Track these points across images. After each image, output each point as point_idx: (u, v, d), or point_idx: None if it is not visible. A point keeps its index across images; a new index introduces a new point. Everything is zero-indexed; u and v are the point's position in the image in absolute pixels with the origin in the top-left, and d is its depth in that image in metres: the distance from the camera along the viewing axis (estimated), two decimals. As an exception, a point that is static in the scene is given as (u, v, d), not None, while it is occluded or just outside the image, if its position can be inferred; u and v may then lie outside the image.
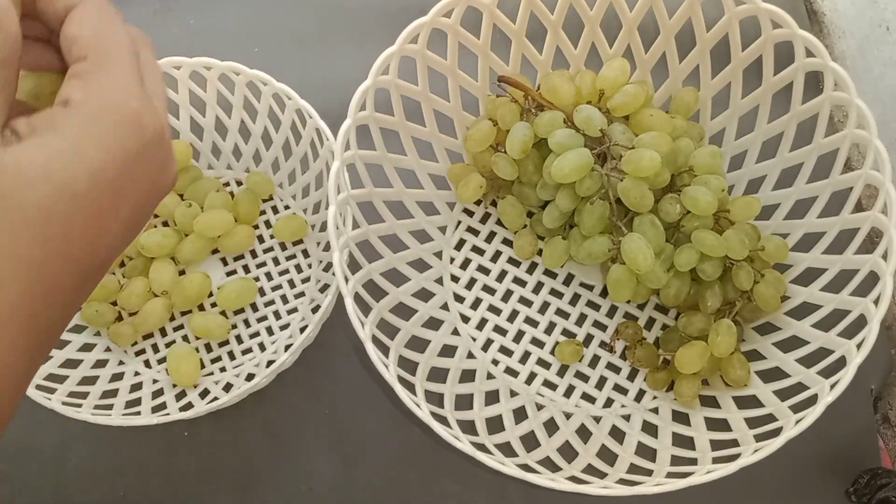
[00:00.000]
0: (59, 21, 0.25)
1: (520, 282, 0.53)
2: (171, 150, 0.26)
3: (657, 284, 0.47)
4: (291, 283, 0.53)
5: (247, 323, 0.52)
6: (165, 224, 0.54)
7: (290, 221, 0.53)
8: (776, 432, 0.40)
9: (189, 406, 0.46)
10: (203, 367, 0.51)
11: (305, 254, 0.54)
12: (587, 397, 0.50)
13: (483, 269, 0.53)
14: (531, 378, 0.51)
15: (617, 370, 0.51)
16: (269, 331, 0.52)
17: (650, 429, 0.48)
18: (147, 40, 0.27)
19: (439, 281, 0.52)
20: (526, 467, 0.41)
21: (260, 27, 0.60)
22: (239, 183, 0.56)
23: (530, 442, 0.46)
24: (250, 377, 0.49)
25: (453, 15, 0.47)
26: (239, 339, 0.52)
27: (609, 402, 0.50)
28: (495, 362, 0.51)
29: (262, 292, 0.53)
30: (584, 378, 0.51)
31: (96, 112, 0.23)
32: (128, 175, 0.24)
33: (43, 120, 0.23)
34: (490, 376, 0.50)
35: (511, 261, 0.53)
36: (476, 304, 0.52)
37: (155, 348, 0.52)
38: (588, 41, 0.52)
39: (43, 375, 0.46)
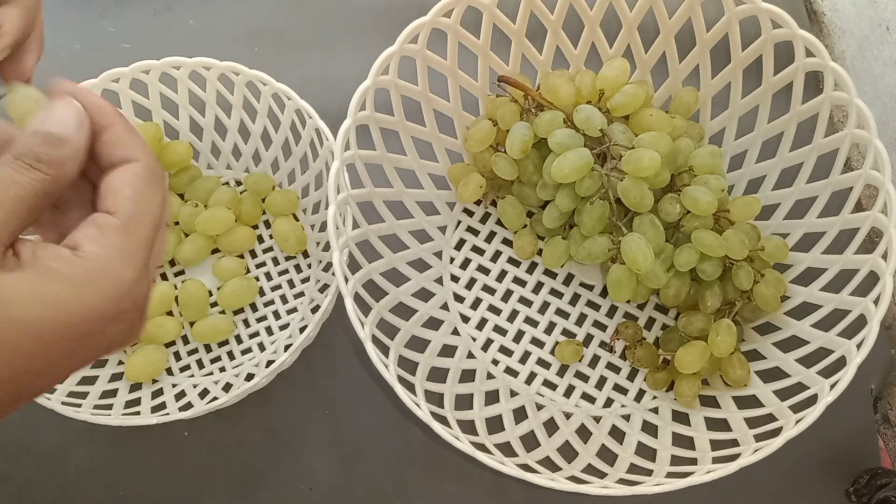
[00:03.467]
0: (110, 164, 0.26)
1: (520, 282, 0.53)
2: (145, 314, 0.27)
3: (657, 284, 0.47)
4: (291, 283, 0.53)
5: (246, 323, 0.52)
6: (165, 224, 0.54)
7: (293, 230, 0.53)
8: (776, 432, 0.40)
9: (189, 406, 0.46)
10: (202, 367, 0.51)
11: (305, 254, 0.54)
12: (587, 397, 0.50)
13: (483, 269, 0.53)
14: (531, 378, 0.51)
15: (617, 370, 0.51)
16: (269, 331, 0.52)
17: (650, 429, 0.48)
18: (168, 206, 0.28)
19: (439, 281, 0.52)
20: (526, 467, 0.41)
21: (260, 27, 0.60)
22: (238, 183, 0.56)
23: (530, 442, 0.46)
24: (250, 377, 0.49)
25: (453, 15, 0.47)
26: (239, 339, 0.52)
27: (609, 402, 0.50)
28: (495, 362, 0.51)
29: (261, 292, 0.53)
30: (584, 378, 0.51)
31: (97, 271, 0.24)
32: (97, 333, 0.24)
33: (47, 256, 0.23)
34: (490, 376, 0.50)
35: (511, 261, 0.53)
36: (476, 304, 0.52)
37: (155, 348, 0.52)
38: (588, 41, 0.52)
39: (43, 375, 0.46)
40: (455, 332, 0.51)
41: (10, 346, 0.22)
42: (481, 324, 0.52)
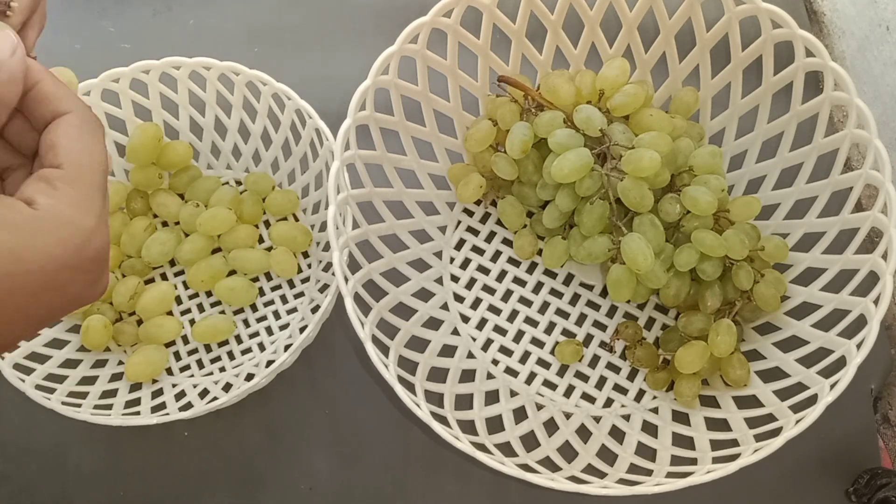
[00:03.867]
0: (43, 122, 0.26)
1: (520, 282, 0.53)
2: (106, 267, 0.27)
3: (657, 284, 0.47)
4: (291, 284, 0.53)
5: (246, 323, 0.52)
6: (164, 224, 0.54)
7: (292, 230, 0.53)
8: (776, 432, 0.40)
9: (189, 406, 0.46)
10: (202, 367, 0.51)
11: (305, 254, 0.54)
12: (587, 397, 0.50)
13: (483, 269, 0.53)
14: (531, 378, 0.51)
15: (617, 370, 0.51)
16: (269, 331, 0.52)
17: (650, 429, 0.48)
18: (108, 156, 0.28)
19: (439, 281, 0.52)
20: (526, 467, 0.41)
21: (260, 27, 0.60)
22: (238, 183, 0.56)
23: (530, 442, 0.46)
24: (250, 377, 0.49)
25: (453, 15, 0.47)
26: (238, 339, 0.52)
27: (609, 402, 0.50)
28: (495, 362, 0.51)
29: (261, 292, 0.53)
30: (584, 378, 0.51)
31: (53, 221, 0.24)
32: (56, 285, 0.24)
33: (2, 208, 0.23)
34: (490, 376, 0.50)
35: (511, 261, 0.53)
36: (476, 304, 0.52)
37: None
38: (588, 41, 0.52)
39: (43, 375, 0.46)
40: (455, 332, 0.51)
41: None
42: (481, 324, 0.52)
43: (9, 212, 0.23)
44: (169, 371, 0.51)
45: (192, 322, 0.52)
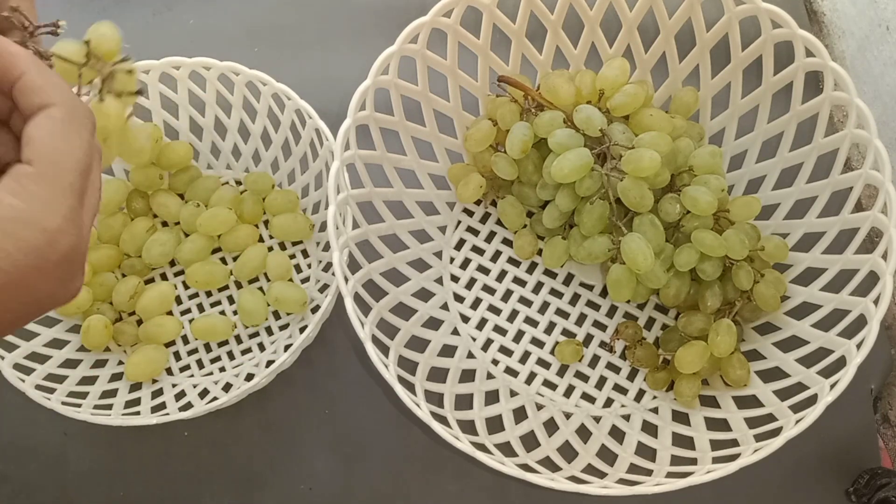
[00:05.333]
0: (30, 113, 0.25)
1: (520, 282, 0.53)
2: (80, 266, 0.26)
3: (657, 284, 0.47)
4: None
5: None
6: (165, 224, 0.54)
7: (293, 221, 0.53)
8: (776, 432, 0.40)
9: (189, 406, 0.46)
10: (202, 367, 0.51)
11: (305, 254, 0.54)
12: (587, 397, 0.50)
13: (483, 269, 0.53)
14: (531, 378, 0.51)
15: (617, 370, 0.51)
16: (269, 331, 0.52)
17: (650, 429, 0.48)
18: (100, 152, 0.27)
19: (439, 281, 0.52)
20: (526, 467, 0.41)
21: (260, 27, 0.60)
22: (238, 182, 0.56)
23: (530, 442, 0.46)
24: (250, 377, 0.49)
25: (453, 15, 0.47)
26: (238, 339, 0.52)
27: (609, 402, 0.50)
28: (495, 362, 0.51)
29: (261, 292, 0.53)
30: (584, 378, 0.51)
31: (14, 221, 0.23)
32: (21, 288, 0.24)
33: None
34: (490, 376, 0.50)
35: (511, 261, 0.53)
36: (476, 304, 0.52)
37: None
38: (588, 41, 0.52)
39: (43, 375, 0.46)
40: (455, 332, 0.51)
41: None
42: (481, 324, 0.52)
43: None
44: (169, 371, 0.51)
45: (191, 322, 0.52)
